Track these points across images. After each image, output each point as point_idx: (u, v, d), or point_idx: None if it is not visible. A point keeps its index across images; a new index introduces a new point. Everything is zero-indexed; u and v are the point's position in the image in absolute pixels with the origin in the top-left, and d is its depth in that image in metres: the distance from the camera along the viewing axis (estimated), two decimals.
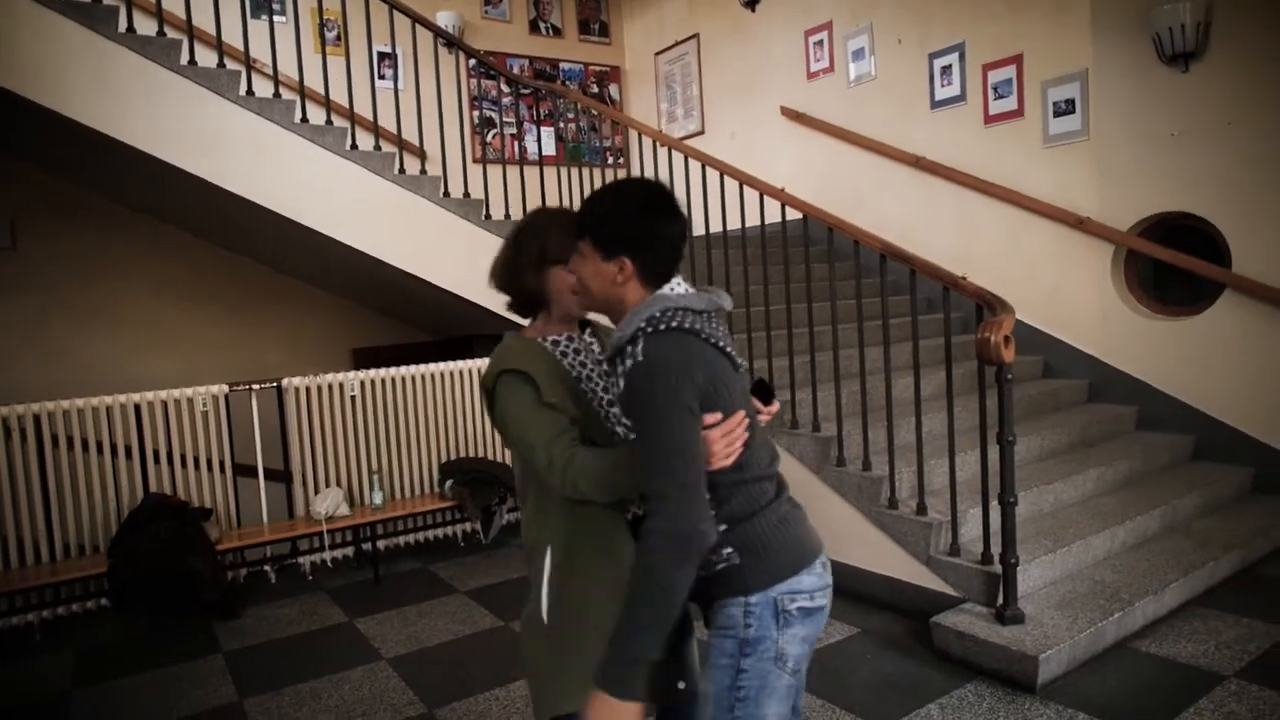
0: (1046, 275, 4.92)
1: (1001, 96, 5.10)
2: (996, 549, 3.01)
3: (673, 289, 1.50)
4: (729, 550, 1.49)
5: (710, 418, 1.44)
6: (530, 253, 1.66)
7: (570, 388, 1.63)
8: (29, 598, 3.79)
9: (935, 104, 5.47)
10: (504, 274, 1.71)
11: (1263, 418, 4.21)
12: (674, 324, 1.43)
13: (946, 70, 5.38)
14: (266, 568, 4.32)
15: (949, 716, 2.62)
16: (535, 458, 1.55)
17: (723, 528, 1.48)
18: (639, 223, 1.48)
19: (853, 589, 3.59)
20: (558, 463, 1.53)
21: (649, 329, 1.43)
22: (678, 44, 7.44)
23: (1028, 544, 3.24)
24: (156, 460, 4.12)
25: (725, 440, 1.44)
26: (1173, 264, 4.44)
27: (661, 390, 1.39)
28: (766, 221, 4.04)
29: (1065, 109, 4.80)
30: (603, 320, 1.66)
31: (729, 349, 1.50)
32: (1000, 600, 2.97)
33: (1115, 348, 4.76)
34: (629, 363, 1.43)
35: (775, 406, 1.71)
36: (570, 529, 1.62)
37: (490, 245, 5.01)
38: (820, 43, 6.19)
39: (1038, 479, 3.72)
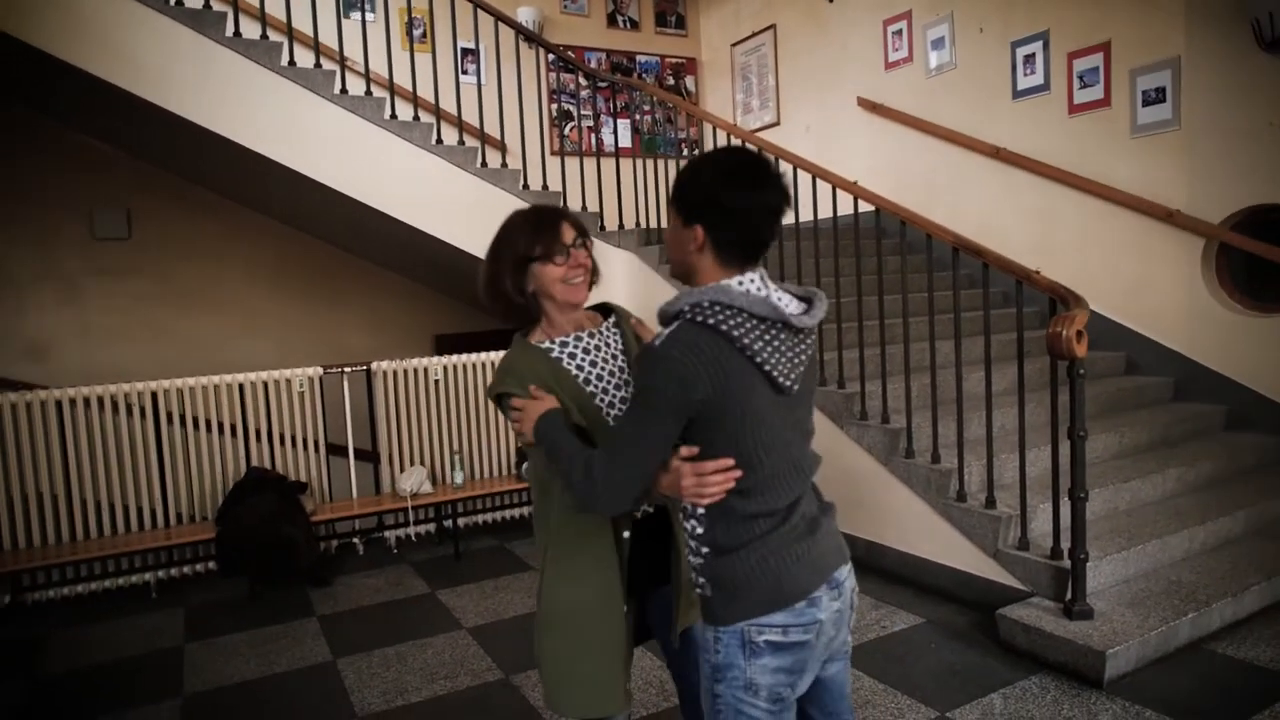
0: (1131, 269, 4.80)
1: (1087, 85, 4.97)
2: (1066, 544, 3.00)
3: (741, 284, 1.43)
4: (702, 580, 1.49)
5: (686, 450, 1.44)
6: (505, 260, 1.69)
7: (575, 394, 1.67)
8: (146, 559, 4.15)
9: (1017, 94, 5.37)
10: (489, 290, 1.72)
11: None
12: (712, 321, 1.38)
13: (1030, 59, 5.27)
14: (355, 540, 4.60)
15: (1012, 706, 2.65)
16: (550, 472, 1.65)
17: (705, 551, 1.48)
18: (714, 190, 1.41)
19: (918, 580, 3.62)
20: (554, 486, 1.64)
21: (691, 315, 1.40)
22: (754, 35, 7.45)
23: (1100, 541, 3.21)
24: (257, 437, 4.42)
25: (696, 481, 1.43)
26: (1267, 258, 4.28)
27: (657, 386, 1.39)
28: (840, 214, 4.07)
29: (1155, 98, 4.66)
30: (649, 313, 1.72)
31: (773, 369, 1.41)
32: (1069, 595, 2.96)
33: (1203, 344, 4.61)
34: (652, 340, 1.43)
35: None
36: (564, 539, 1.70)
37: None
38: (899, 32, 6.12)
39: (1114, 476, 3.67)
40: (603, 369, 1.73)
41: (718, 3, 7.85)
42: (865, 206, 3.97)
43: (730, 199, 1.40)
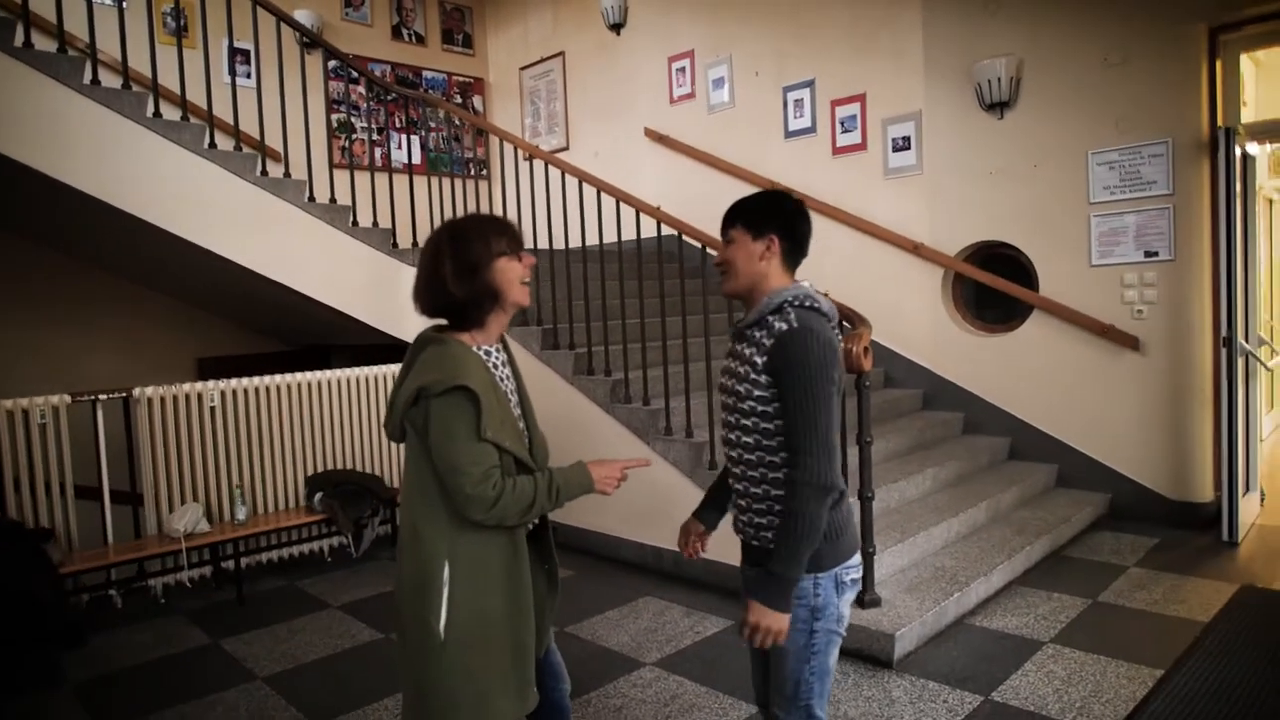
0: (887, 294, 5.42)
1: (848, 130, 5.59)
2: None
3: (807, 284, 1.77)
4: None
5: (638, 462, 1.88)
6: (473, 255, 1.70)
7: (502, 404, 1.70)
8: None
9: (789, 134, 5.91)
10: (446, 286, 1.69)
11: (1065, 421, 4.85)
12: (816, 307, 1.72)
13: (799, 103, 5.82)
14: (111, 592, 4.02)
15: None
16: (457, 482, 1.60)
17: None
18: (785, 209, 1.79)
19: (724, 585, 3.82)
20: (485, 498, 1.61)
21: (795, 303, 1.70)
22: (543, 60, 7.57)
23: (880, 535, 3.58)
24: None
25: (610, 479, 1.81)
26: (991, 286, 5.03)
27: (815, 356, 1.64)
28: (630, 237, 4.23)
29: (903, 145, 5.34)
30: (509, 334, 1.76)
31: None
32: (860, 587, 3.28)
33: (944, 360, 5.32)
34: (781, 326, 1.67)
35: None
36: (473, 547, 1.67)
37: (358, 253, 5.02)
38: (683, 69, 6.51)
39: (884, 478, 4.11)
40: (508, 385, 1.79)
41: (506, 26, 7.88)
42: (652, 230, 4.18)
43: (798, 220, 1.79)
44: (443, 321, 1.78)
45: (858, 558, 1.80)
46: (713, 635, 3.41)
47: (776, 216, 1.78)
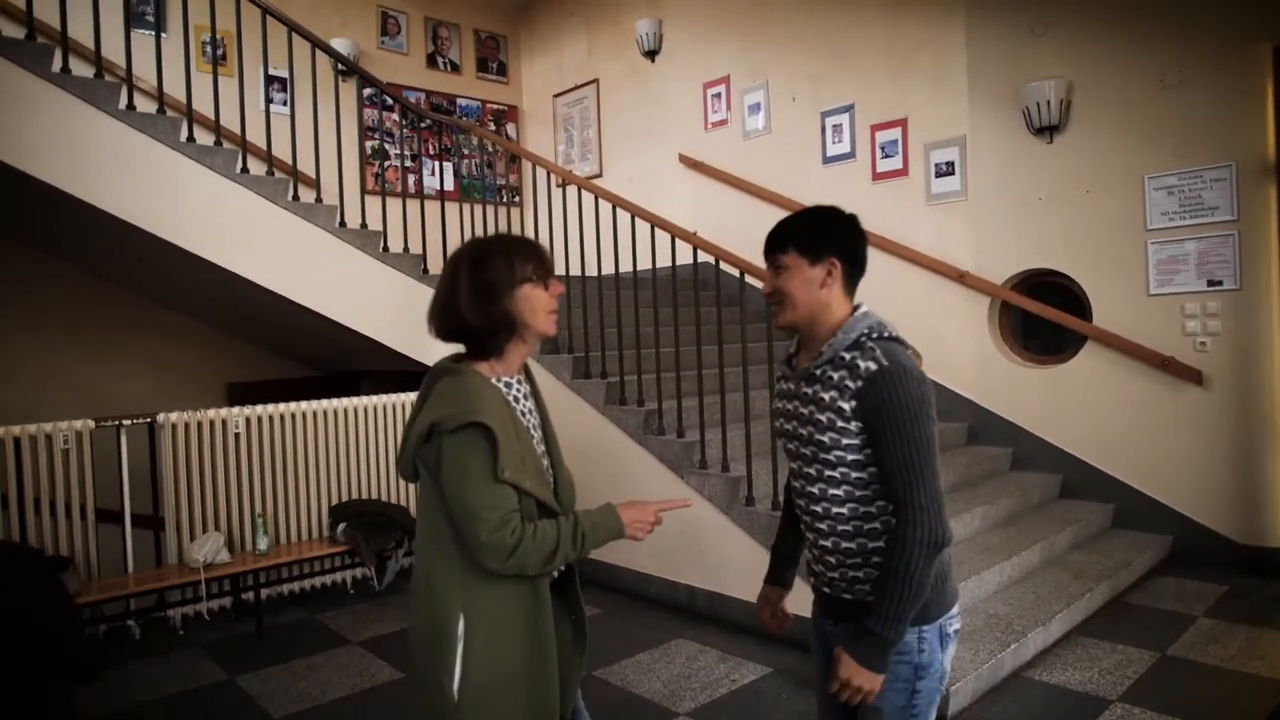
0: (929, 324, 5.22)
1: (888, 156, 5.44)
2: None
3: (865, 308, 1.61)
4: None
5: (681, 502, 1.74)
6: (493, 278, 1.57)
7: (523, 441, 1.56)
8: None
9: (827, 159, 5.77)
10: (460, 310, 1.57)
11: (1121, 458, 4.59)
12: (897, 337, 1.56)
13: (838, 129, 5.69)
14: (130, 622, 3.92)
15: None
16: (472, 528, 1.47)
17: None
18: (844, 229, 1.62)
19: (760, 627, 3.61)
20: (502, 545, 1.46)
21: (874, 335, 1.54)
22: (577, 88, 7.54)
23: None
24: (4, 504, 3.68)
25: (642, 524, 1.65)
26: (1041, 316, 4.82)
27: (915, 397, 1.49)
28: (664, 264, 4.11)
29: (946, 170, 5.17)
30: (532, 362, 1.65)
31: None
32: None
33: (991, 392, 5.09)
34: (868, 366, 1.50)
35: None
36: (491, 598, 1.53)
37: (389, 279, 4.95)
38: (719, 95, 6.42)
39: None
40: (530, 420, 1.64)
41: (540, 53, 7.88)
42: (687, 258, 4.06)
43: (858, 239, 1.63)
44: (460, 349, 1.65)
45: (958, 606, 1.65)
46: (750, 683, 3.21)
47: (834, 236, 1.61)
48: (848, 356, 1.53)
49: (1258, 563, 4.16)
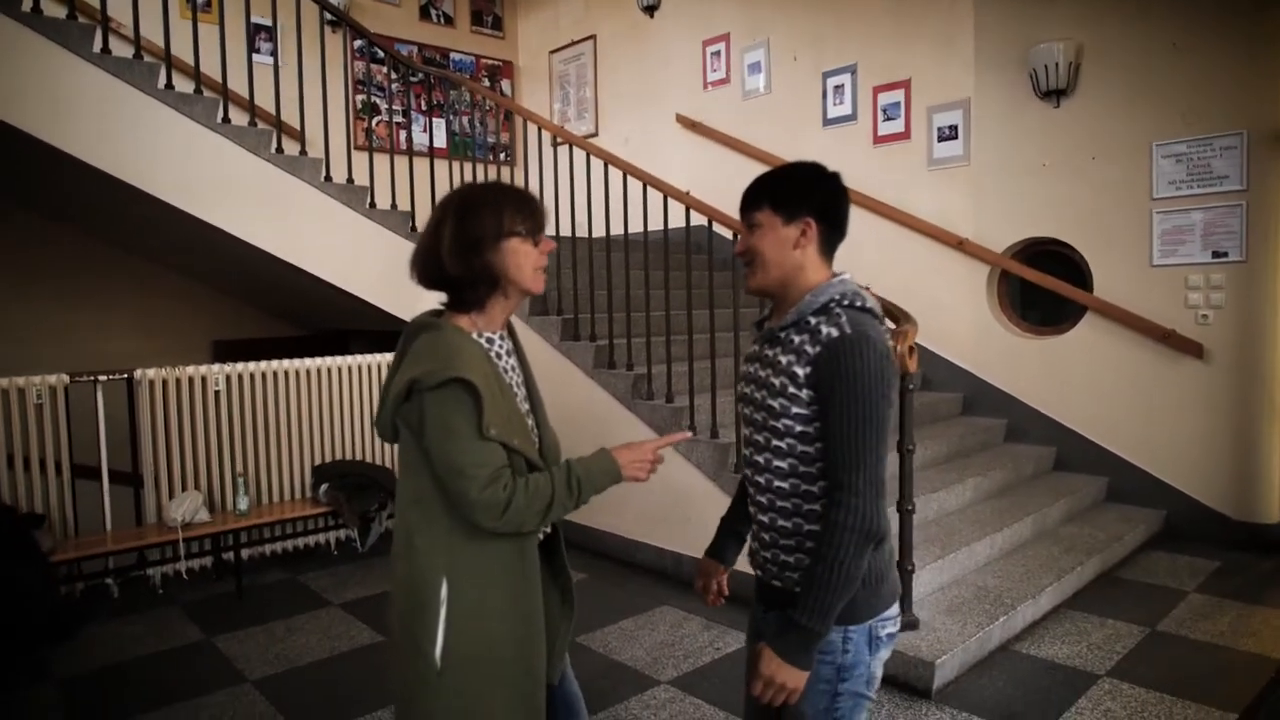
0: (926, 291, 5.11)
1: (890, 119, 5.30)
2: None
3: (847, 275, 1.49)
4: None
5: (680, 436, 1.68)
6: (483, 228, 1.49)
7: (507, 399, 1.49)
8: None
9: (827, 121, 5.63)
10: (445, 258, 1.48)
11: (1117, 431, 4.53)
12: (867, 307, 1.44)
13: (839, 89, 5.53)
14: (108, 580, 3.87)
15: None
16: (461, 486, 1.40)
17: None
18: (822, 186, 1.50)
19: (746, 596, 3.56)
20: (495, 502, 1.40)
21: (844, 302, 1.42)
22: (574, 44, 7.34)
23: (918, 551, 3.30)
24: None
25: (641, 464, 1.57)
26: (1041, 285, 4.72)
27: (872, 369, 1.35)
28: (656, 226, 4.00)
29: (949, 135, 5.04)
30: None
31: None
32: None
33: (987, 362, 5.01)
34: (829, 332, 1.38)
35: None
36: (476, 560, 1.46)
37: (376, 236, 4.82)
38: (718, 54, 6.25)
39: (923, 487, 3.83)
40: (514, 378, 1.57)
41: (537, 8, 7.66)
42: (683, 219, 3.94)
43: (839, 199, 1.50)
44: (440, 306, 1.57)
45: (897, 607, 1.52)
46: (734, 652, 3.17)
47: (811, 194, 1.48)
48: (813, 321, 1.42)
49: (1251, 539, 4.12)
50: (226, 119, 4.28)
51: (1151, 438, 4.42)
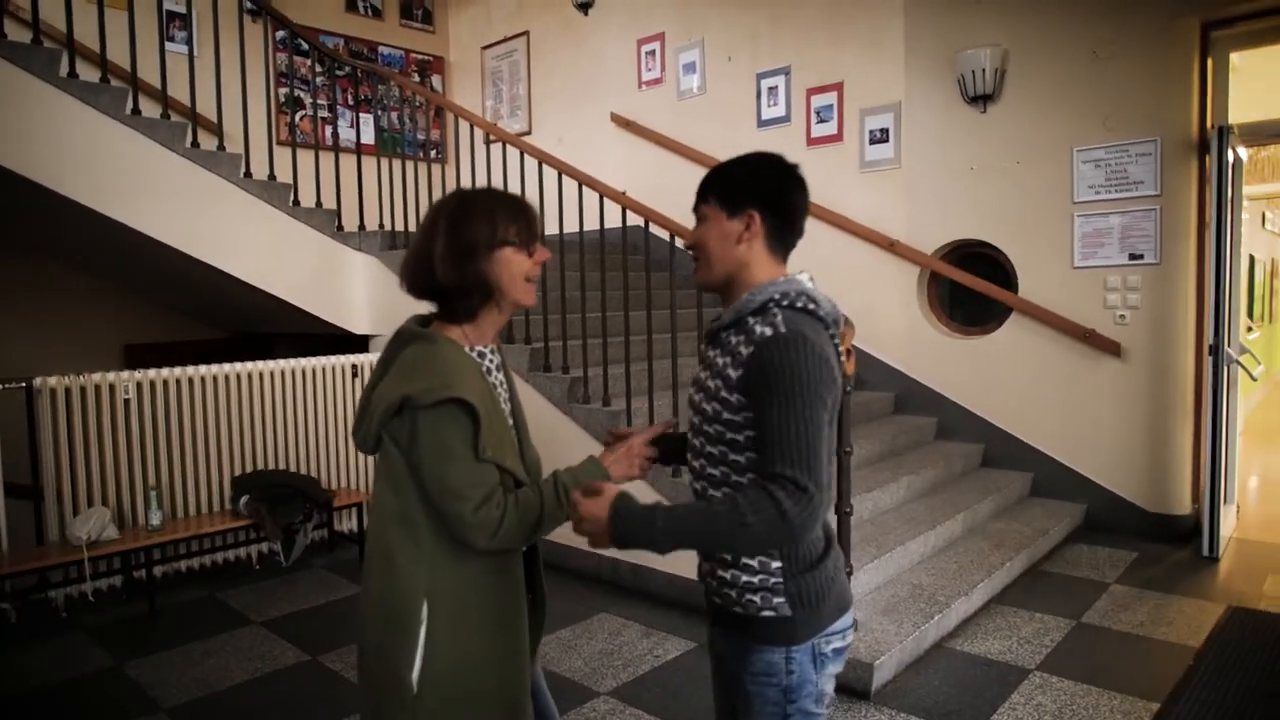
0: (860, 293, 5.18)
1: (823, 120, 5.34)
2: None
3: (807, 276, 1.42)
4: (779, 600, 1.35)
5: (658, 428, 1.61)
6: (471, 238, 1.43)
7: (500, 417, 1.46)
8: None
9: (762, 122, 5.65)
10: (433, 267, 1.43)
11: (1041, 428, 4.66)
12: (811, 307, 1.35)
13: (773, 91, 5.56)
14: (5, 605, 3.61)
15: None
16: (456, 508, 1.36)
17: (781, 567, 1.35)
18: (770, 177, 1.41)
19: (686, 601, 3.54)
20: (490, 521, 1.37)
21: (784, 302, 1.34)
22: (507, 40, 7.21)
23: (855, 550, 3.34)
24: None
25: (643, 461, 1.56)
26: (969, 287, 4.82)
27: (809, 369, 1.26)
28: (592, 226, 3.95)
29: (880, 137, 5.11)
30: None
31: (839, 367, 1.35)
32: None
33: (917, 362, 5.10)
34: (764, 332, 1.30)
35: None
36: (460, 579, 1.42)
37: (301, 235, 4.64)
38: (652, 53, 6.21)
39: (858, 487, 3.87)
40: (501, 393, 1.52)
41: (468, 1, 7.50)
42: (619, 220, 3.90)
43: (788, 190, 1.42)
44: (426, 312, 1.52)
45: (847, 618, 1.43)
46: (674, 659, 3.13)
47: (758, 186, 1.40)
48: (750, 321, 1.34)
49: (1164, 529, 4.29)
50: (136, 110, 4.05)
51: (1072, 434, 4.56)
